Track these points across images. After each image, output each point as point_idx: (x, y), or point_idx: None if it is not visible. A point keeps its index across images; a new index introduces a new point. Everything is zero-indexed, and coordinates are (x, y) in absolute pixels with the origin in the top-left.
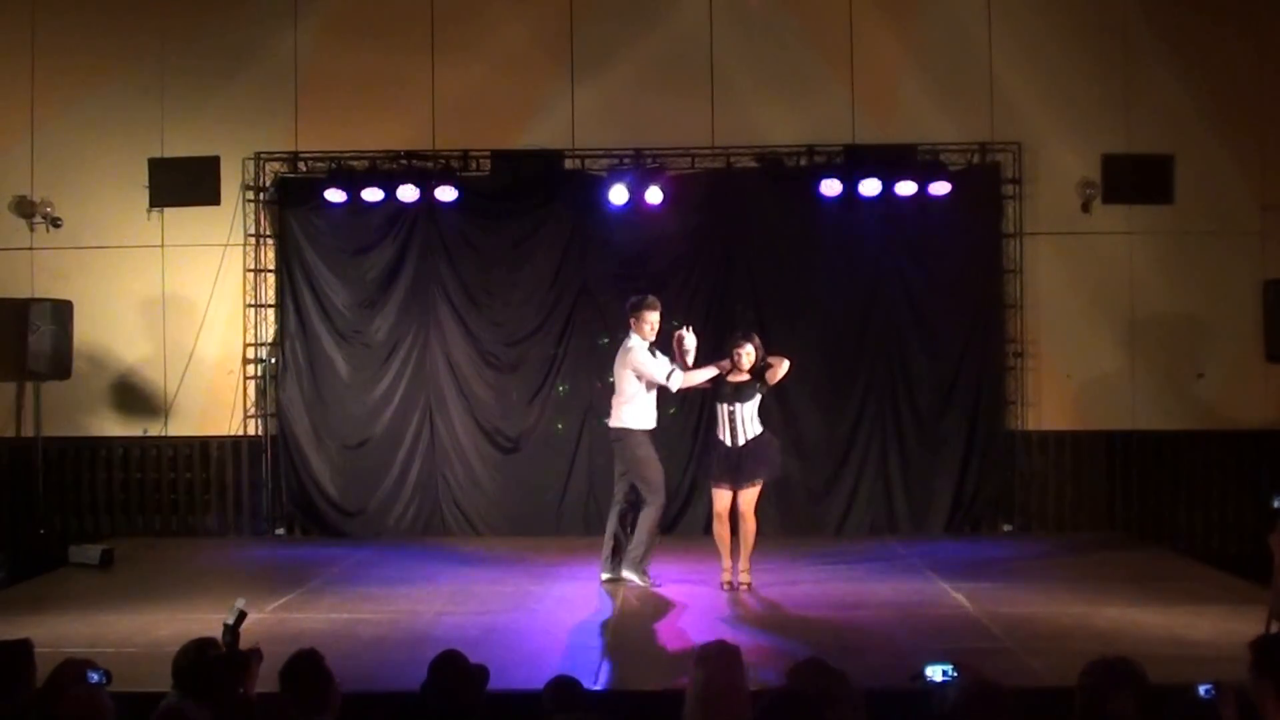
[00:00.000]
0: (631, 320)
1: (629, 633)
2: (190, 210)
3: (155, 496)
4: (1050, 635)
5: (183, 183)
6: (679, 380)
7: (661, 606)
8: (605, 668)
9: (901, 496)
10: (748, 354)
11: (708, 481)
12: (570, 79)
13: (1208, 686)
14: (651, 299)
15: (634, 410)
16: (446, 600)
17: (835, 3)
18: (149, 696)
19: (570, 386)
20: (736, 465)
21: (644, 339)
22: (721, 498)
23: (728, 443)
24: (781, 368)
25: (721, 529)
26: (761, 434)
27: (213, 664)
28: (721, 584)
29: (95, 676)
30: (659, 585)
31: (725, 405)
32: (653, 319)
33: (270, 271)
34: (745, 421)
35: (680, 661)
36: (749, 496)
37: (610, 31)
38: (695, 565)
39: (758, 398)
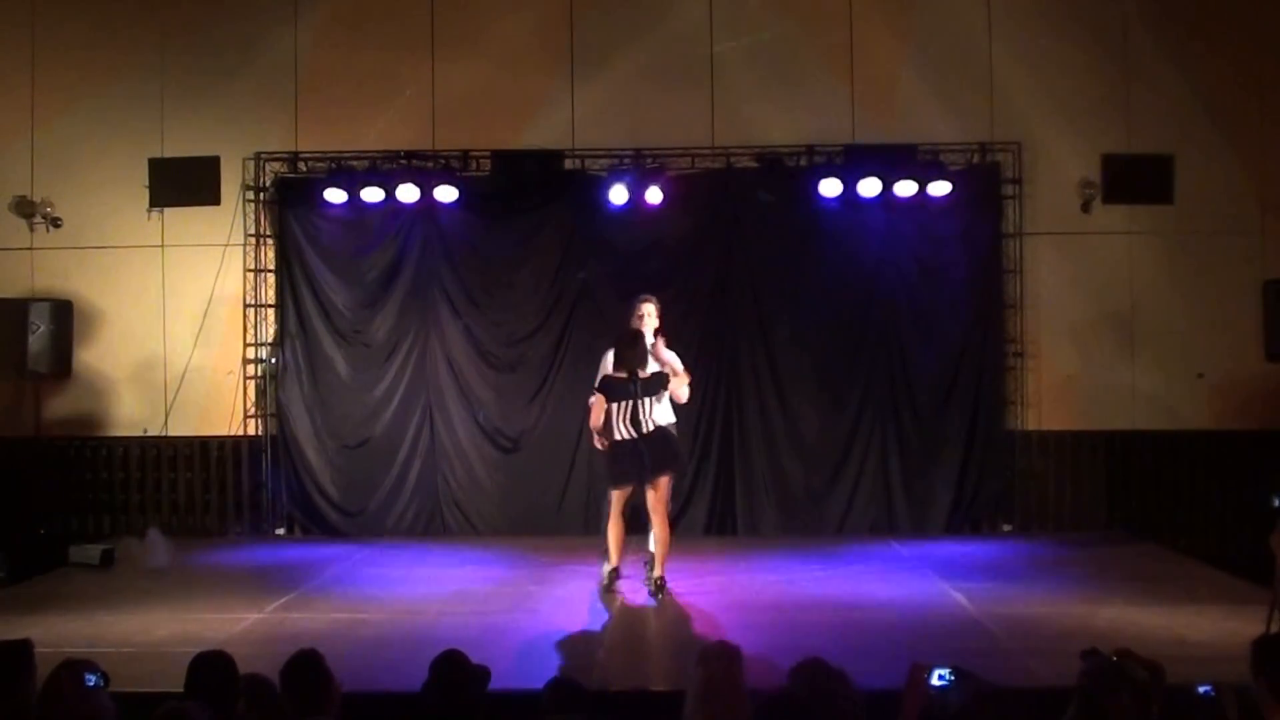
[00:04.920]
0: None
1: (629, 633)
2: (190, 210)
3: (155, 496)
4: (1050, 635)
5: (183, 183)
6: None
7: (661, 607)
8: (605, 668)
9: (901, 496)
10: (650, 316)
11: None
12: (570, 79)
13: (1208, 687)
14: (641, 295)
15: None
16: (446, 600)
17: (835, 2)
18: (149, 697)
19: (570, 386)
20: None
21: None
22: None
23: (630, 435)
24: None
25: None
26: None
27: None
28: (605, 581)
29: (92, 679)
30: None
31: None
32: (641, 310)
33: (270, 271)
34: (649, 413)
35: (680, 661)
36: (659, 489)
37: (610, 31)
38: (695, 565)
39: (663, 393)
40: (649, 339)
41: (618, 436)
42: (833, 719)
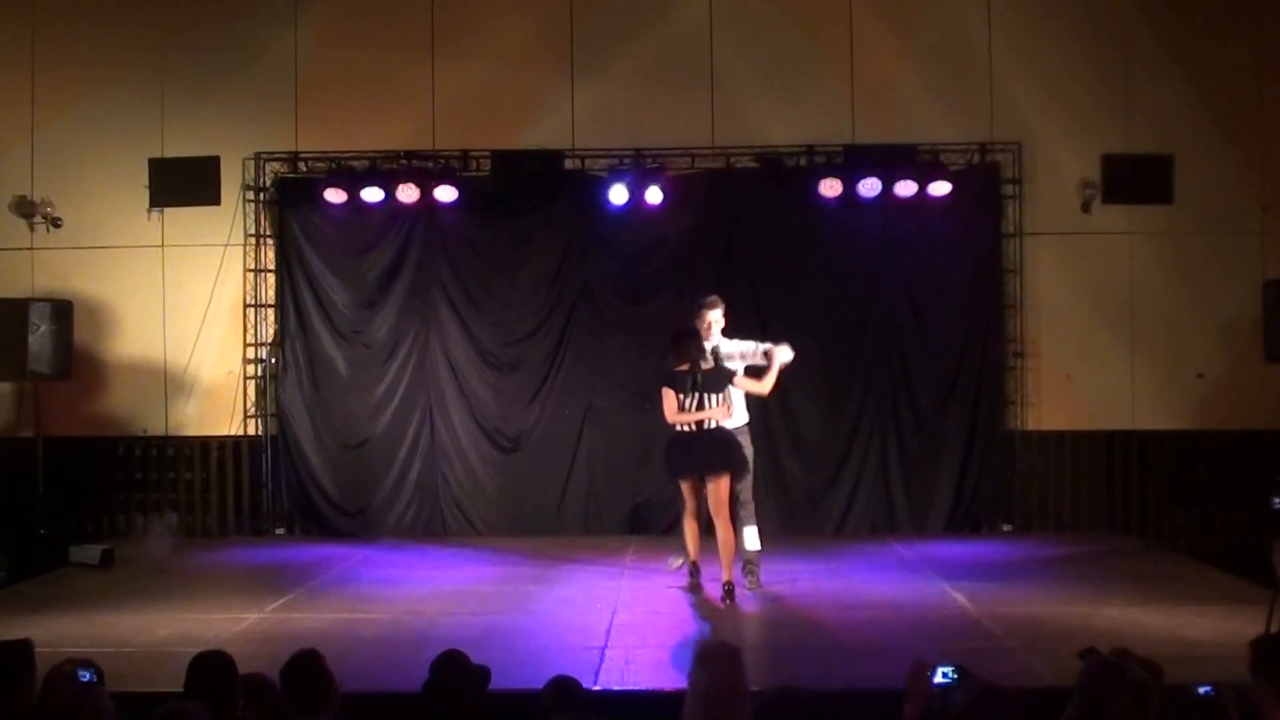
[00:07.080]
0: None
1: (629, 633)
2: (190, 210)
3: (155, 496)
4: (1050, 635)
5: (183, 183)
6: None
7: (662, 607)
8: (605, 668)
9: (901, 496)
10: (716, 320)
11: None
12: (570, 79)
13: (1208, 687)
14: (706, 299)
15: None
16: (446, 600)
17: (835, 3)
18: (149, 696)
19: (570, 386)
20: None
21: (706, 339)
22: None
23: (689, 429)
24: (767, 381)
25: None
26: (728, 429)
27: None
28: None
29: (86, 675)
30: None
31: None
32: (708, 317)
33: (270, 271)
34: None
35: (680, 661)
36: (713, 491)
37: (610, 31)
38: None
39: (727, 389)
40: (717, 340)
41: (677, 429)
42: None
